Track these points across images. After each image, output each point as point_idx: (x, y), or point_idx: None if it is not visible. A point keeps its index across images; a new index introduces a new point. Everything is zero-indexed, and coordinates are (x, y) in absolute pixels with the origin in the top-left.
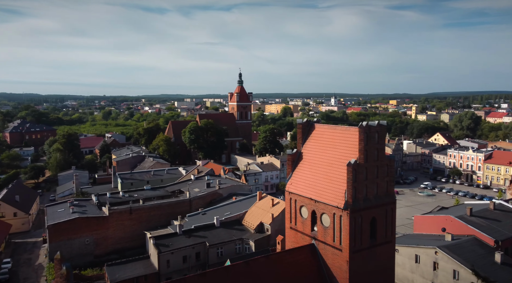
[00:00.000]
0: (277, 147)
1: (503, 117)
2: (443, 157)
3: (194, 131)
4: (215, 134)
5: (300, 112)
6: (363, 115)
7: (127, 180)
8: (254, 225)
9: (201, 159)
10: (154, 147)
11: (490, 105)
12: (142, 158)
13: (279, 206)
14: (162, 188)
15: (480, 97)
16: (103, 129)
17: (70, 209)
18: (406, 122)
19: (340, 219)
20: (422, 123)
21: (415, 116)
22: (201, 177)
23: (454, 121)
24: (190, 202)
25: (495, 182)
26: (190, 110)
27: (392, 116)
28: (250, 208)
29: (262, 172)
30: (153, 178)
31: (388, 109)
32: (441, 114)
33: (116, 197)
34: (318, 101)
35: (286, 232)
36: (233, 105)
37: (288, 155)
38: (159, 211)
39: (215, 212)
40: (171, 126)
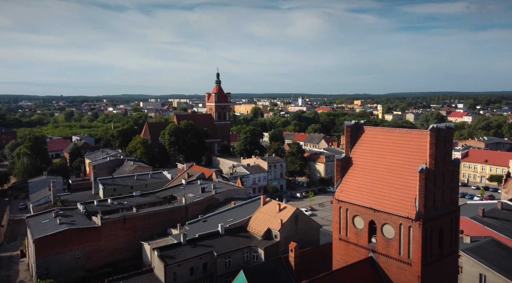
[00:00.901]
0: (257, 148)
1: (463, 116)
2: None
3: (174, 133)
4: (195, 136)
5: (271, 112)
6: (332, 115)
7: (109, 185)
8: (261, 231)
9: (182, 161)
10: (131, 149)
11: (448, 105)
12: (120, 161)
13: (287, 211)
14: (152, 193)
15: (436, 97)
16: (68, 132)
17: (57, 219)
18: (374, 122)
19: (409, 230)
20: (392, 123)
21: (382, 116)
22: (193, 181)
23: (421, 121)
24: (187, 208)
25: (471, 179)
26: (158, 111)
27: (360, 116)
28: (255, 214)
29: (250, 174)
30: (137, 182)
31: (354, 110)
32: (406, 114)
33: (104, 205)
34: (285, 101)
35: (334, 244)
36: (211, 105)
37: (337, 160)
38: (155, 219)
39: (216, 219)
40: (147, 128)
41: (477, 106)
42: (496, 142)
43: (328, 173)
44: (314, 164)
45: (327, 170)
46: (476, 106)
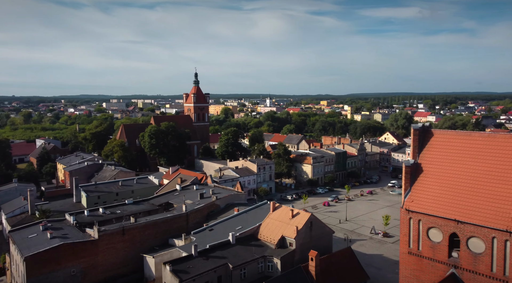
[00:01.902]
0: (239, 149)
1: (427, 116)
2: (402, 155)
3: (155, 135)
4: (176, 138)
5: (242, 113)
6: (303, 115)
7: (92, 192)
8: (274, 239)
9: (163, 165)
10: (107, 153)
11: (410, 106)
12: (99, 166)
13: (301, 217)
14: (146, 201)
15: (396, 98)
16: (30, 135)
17: (47, 233)
18: (344, 122)
19: (505, 244)
20: (364, 123)
21: (352, 116)
22: (187, 187)
23: (390, 120)
24: (187, 216)
25: None
26: (124, 112)
27: (331, 116)
28: (264, 220)
29: (239, 177)
30: (122, 189)
31: (322, 110)
32: (374, 114)
33: (96, 215)
34: (253, 102)
35: (401, 258)
36: (189, 106)
37: (406, 166)
38: (155, 229)
39: (222, 227)
40: (123, 130)
41: (436, 106)
42: None
43: (315, 174)
44: (300, 165)
45: (314, 171)
46: (436, 106)
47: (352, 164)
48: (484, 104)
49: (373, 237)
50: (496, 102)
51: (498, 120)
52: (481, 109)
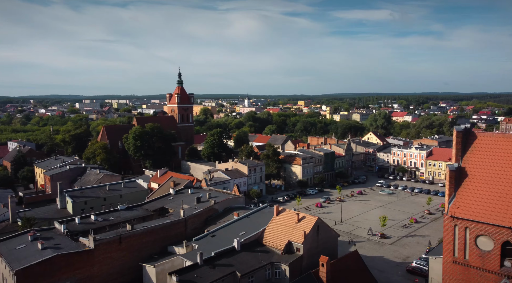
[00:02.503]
0: (225, 151)
1: (403, 116)
2: (387, 155)
3: (140, 137)
4: (162, 139)
5: (221, 114)
6: (283, 116)
7: (78, 198)
8: (280, 245)
9: (148, 167)
10: (88, 155)
11: (385, 106)
12: (82, 170)
13: (307, 221)
14: (139, 206)
15: (371, 98)
16: (1, 137)
17: (38, 244)
18: (324, 123)
19: None
20: (345, 123)
21: (331, 116)
22: (181, 190)
23: (370, 120)
24: (186, 222)
25: (437, 177)
26: (100, 112)
27: (311, 117)
28: (269, 225)
29: (231, 179)
30: (110, 193)
31: (301, 110)
32: (352, 114)
33: (87, 222)
34: (231, 102)
35: (445, 267)
36: (173, 107)
37: (451, 171)
38: (153, 236)
39: (225, 233)
40: (105, 132)
41: (410, 106)
42: (446, 140)
43: (305, 175)
44: (290, 166)
45: (303, 172)
46: (410, 106)
47: (340, 164)
48: (454, 104)
49: (370, 239)
50: (466, 102)
51: (470, 120)
52: (453, 109)
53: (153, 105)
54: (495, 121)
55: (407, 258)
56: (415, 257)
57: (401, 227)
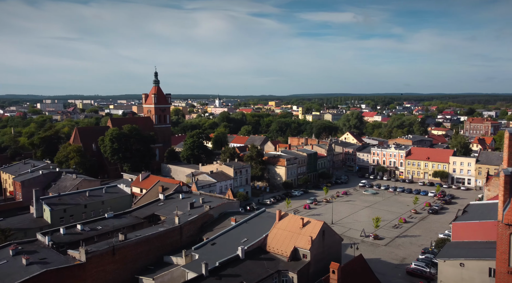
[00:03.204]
0: (205, 152)
1: (373, 116)
2: (367, 155)
3: (117, 139)
4: (140, 141)
5: (193, 114)
6: (257, 116)
7: (57, 206)
8: (286, 251)
9: (126, 171)
10: (61, 159)
11: (353, 106)
12: (56, 174)
13: (312, 226)
14: (128, 213)
15: (339, 98)
16: None
17: (22, 259)
18: (297, 123)
19: None
20: (320, 123)
21: (304, 117)
22: (171, 196)
23: (343, 120)
24: (181, 229)
25: (415, 176)
26: (65, 113)
27: (284, 117)
28: (271, 231)
29: (217, 182)
30: (91, 200)
31: (272, 110)
32: (324, 114)
33: (74, 233)
34: (202, 102)
35: (498, 278)
36: (149, 107)
37: (506, 175)
38: (147, 245)
39: (225, 240)
40: (77, 134)
41: (378, 106)
42: (419, 139)
43: (289, 176)
44: (274, 167)
45: (288, 173)
46: (377, 106)
47: (322, 165)
48: (417, 104)
49: (364, 240)
50: (428, 102)
51: (436, 119)
52: (418, 109)
53: (121, 106)
54: (459, 121)
55: (404, 260)
56: (411, 258)
57: (392, 227)
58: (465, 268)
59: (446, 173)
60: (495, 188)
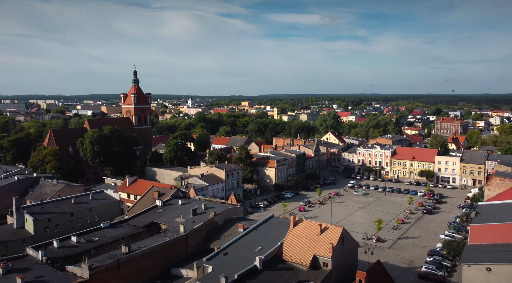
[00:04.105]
0: (188, 154)
1: (348, 116)
2: (352, 155)
3: (98, 141)
4: (122, 143)
5: (167, 114)
6: (233, 116)
7: (40, 215)
8: (305, 260)
9: (108, 175)
10: (36, 163)
11: (325, 106)
12: (34, 180)
13: (331, 232)
14: (124, 222)
15: (310, 99)
16: None
17: (17, 279)
18: (274, 123)
19: None
20: (298, 123)
21: (280, 117)
22: (169, 202)
23: (320, 121)
24: (187, 238)
25: (401, 175)
26: (29, 114)
27: (260, 117)
28: (286, 238)
29: (209, 185)
30: (77, 208)
31: (246, 111)
32: (299, 114)
33: (69, 245)
34: (174, 103)
35: None
36: (129, 108)
37: None
38: (153, 257)
39: (237, 249)
40: (52, 136)
41: (349, 107)
42: (398, 139)
43: (279, 177)
44: (263, 169)
45: (278, 175)
46: (348, 107)
47: (310, 166)
48: (384, 105)
49: (367, 243)
50: (396, 102)
51: (408, 119)
52: (389, 110)
53: (88, 106)
54: (429, 120)
55: (412, 263)
56: (419, 260)
57: (391, 228)
58: (492, 273)
59: (431, 172)
60: (496, 187)
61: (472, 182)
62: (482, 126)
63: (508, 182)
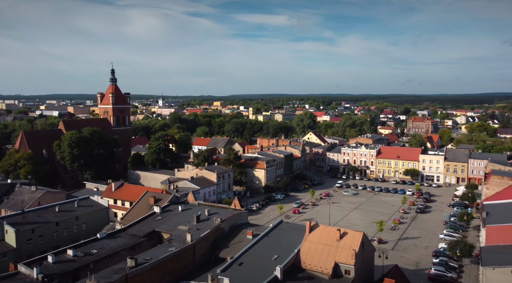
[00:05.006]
0: (171, 156)
1: (322, 115)
2: (337, 154)
3: (77, 144)
4: (103, 145)
5: (139, 115)
6: (208, 117)
7: (22, 225)
8: (326, 268)
9: (88, 179)
10: (7, 168)
11: (299, 106)
12: (8, 187)
13: (352, 237)
14: (122, 231)
15: (281, 99)
16: None
17: None
18: (250, 123)
19: None
20: (276, 123)
21: (256, 117)
22: (167, 208)
23: (296, 120)
24: (194, 247)
25: (386, 174)
26: None
27: (236, 117)
28: (303, 245)
29: (200, 188)
30: (63, 216)
31: (220, 111)
32: (274, 114)
33: (65, 260)
34: (144, 103)
35: None
36: (106, 108)
37: None
38: (161, 270)
39: (251, 258)
40: (24, 139)
41: (321, 106)
42: (378, 138)
43: (269, 179)
44: (252, 170)
45: (267, 176)
46: (320, 106)
47: (297, 166)
48: (353, 105)
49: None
50: (364, 102)
51: (380, 119)
52: (360, 109)
53: (52, 106)
54: (400, 120)
55: (418, 264)
56: (425, 262)
57: (390, 229)
58: None
59: (416, 171)
60: (494, 186)
61: (455, 180)
62: (451, 125)
63: (506, 180)
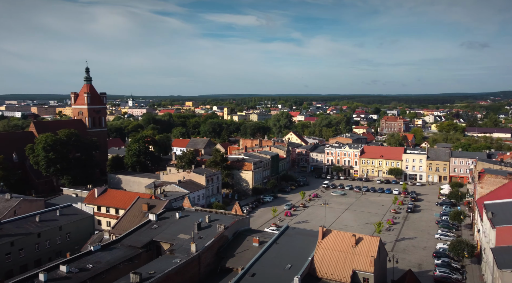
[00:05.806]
0: (152, 159)
1: (297, 115)
2: (321, 155)
3: (53, 147)
4: (81, 148)
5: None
6: (183, 117)
7: (1, 238)
8: (344, 276)
9: (66, 185)
10: None
11: (271, 106)
12: None
13: (368, 243)
14: (117, 242)
15: (253, 99)
16: None
17: None
18: (225, 123)
19: None
20: (254, 123)
21: (231, 117)
22: (164, 215)
23: (273, 120)
24: (199, 258)
25: (370, 174)
26: None
27: (211, 118)
28: (316, 252)
29: (189, 192)
30: (44, 226)
31: (192, 111)
32: (250, 115)
33: (59, 277)
34: (112, 103)
35: None
36: (81, 109)
37: None
38: None
39: (262, 268)
40: None
41: (293, 106)
42: (357, 137)
43: (256, 181)
44: (238, 172)
45: (255, 178)
46: (293, 107)
47: (283, 167)
48: (325, 105)
49: None
50: (335, 102)
51: (353, 118)
52: (332, 109)
53: (13, 107)
54: (372, 119)
55: (420, 266)
56: (427, 263)
57: (385, 230)
58: None
59: (400, 170)
60: (489, 185)
61: (438, 178)
62: (420, 124)
63: (500, 179)
